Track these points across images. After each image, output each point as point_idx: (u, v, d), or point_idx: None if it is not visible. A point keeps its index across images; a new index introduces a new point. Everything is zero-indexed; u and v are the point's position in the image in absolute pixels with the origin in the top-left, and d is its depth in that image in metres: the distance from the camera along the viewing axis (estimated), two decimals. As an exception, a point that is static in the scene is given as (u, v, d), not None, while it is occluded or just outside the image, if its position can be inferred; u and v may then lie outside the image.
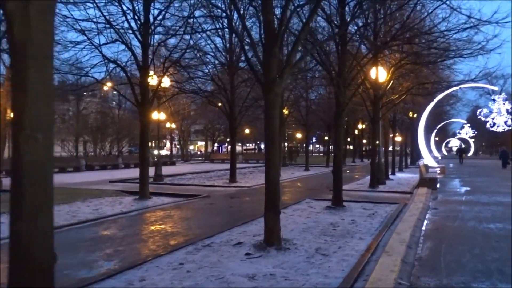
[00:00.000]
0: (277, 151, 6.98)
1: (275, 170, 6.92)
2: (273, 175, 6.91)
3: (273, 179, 6.92)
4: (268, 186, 6.95)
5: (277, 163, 6.96)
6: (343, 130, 11.15)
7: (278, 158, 7.05)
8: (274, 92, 6.80)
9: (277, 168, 6.95)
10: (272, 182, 6.92)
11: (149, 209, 11.80)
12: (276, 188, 6.95)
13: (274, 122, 6.89)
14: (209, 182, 20.20)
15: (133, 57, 13.06)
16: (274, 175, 6.92)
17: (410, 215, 10.16)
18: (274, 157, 6.93)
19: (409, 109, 26.35)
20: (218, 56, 19.18)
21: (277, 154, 6.98)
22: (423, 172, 17.93)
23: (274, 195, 6.93)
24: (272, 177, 6.92)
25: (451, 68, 16.37)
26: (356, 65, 11.83)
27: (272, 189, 6.93)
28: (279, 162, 7.04)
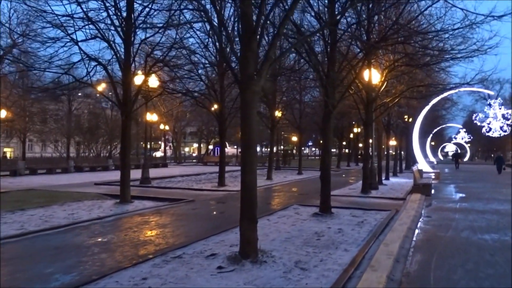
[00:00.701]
0: (255, 155, 6.43)
1: (252, 175, 6.36)
2: (250, 181, 6.36)
3: (249, 184, 6.36)
4: (244, 193, 6.40)
5: (255, 167, 6.40)
6: (332, 133, 10.59)
7: (256, 162, 6.49)
8: (251, 90, 6.25)
9: (254, 173, 6.39)
10: (249, 188, 6.36)
11: (127, 214, 11.21)
12: (253, 195, 6.39)
13: (251, 123, 6.33)
14: (198, 186, 19.61)
15: (115, 54, 12.48)
16: (251, 181, 6.36)
17: (400, 224, 9.62)
18: (252, 161, 6.37)
19: (403, 113, 25.87)
20: (207, 56, 18.63)
21: (254, 158, 6.43)
22: (417, 178, 17.42)
23: (251, 202, 6.37)
24: (249, 183, 6.36)
25: (446, 71, 15.93)
26: (346, 65, 11.30)
27: (248, 196, 6.38)
28: (256, 166, 6.48)
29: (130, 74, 12.80)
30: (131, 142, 13.60)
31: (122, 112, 12.87)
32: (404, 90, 16.32)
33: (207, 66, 18.98)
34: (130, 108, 12.80)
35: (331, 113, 10.68)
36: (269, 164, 24.73)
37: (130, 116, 12.98)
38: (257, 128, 6.42)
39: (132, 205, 12.62)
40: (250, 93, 6.27)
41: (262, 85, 6.40)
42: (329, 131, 10.89)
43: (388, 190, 17.97)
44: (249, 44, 6.24)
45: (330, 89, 10.73)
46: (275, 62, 9.47)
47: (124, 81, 12.75)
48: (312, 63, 10.70)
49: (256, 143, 6.46)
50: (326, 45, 11.19)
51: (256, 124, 6.47)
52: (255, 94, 6.32)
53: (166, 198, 14.62)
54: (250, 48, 6.23)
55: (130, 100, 12.84)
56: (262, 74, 6.29)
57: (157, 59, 13.45)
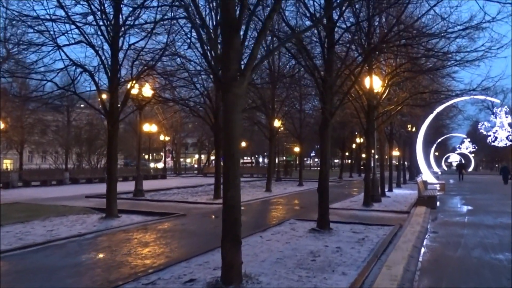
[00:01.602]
0: (238, 166, 5.66)
1: (235, 190, 5.59)
2: (232, 196, 5.59)
3: (232, 200, 5.59)
4: (226, 210, 5.63)
5: (238, 181, 5.63)
6: (330, 142, 9.84)
7: (239, 174, 5.72)
8: (234, 93, 5.52)
9: (237, 188, 5.62)
10: (231, 205, 5.59)
11: (111, 230, 10.43)
12: (236, 213, 5.61)
13: (233, 130, 5.59)
14: (193, 198, 18.82)
15: (100, 60, 11.82)
16: (234, 196, 5.59)
17: (405, 241, 8.80)
18: (234, 174, 5.61)
19: (406, 122, 25.09)
20: (201, 62, 17.94)
21: (237, 169, 5.66)
22: (422, 190, 16.58)
23: (234, 221, 5.60)
24: (231, 199, 5.59)
25: (451, 76, 15.15)
26: (344, 69, 10.58)
27: (231, 214, 5.61)
28: (239, 179, 5.72)
29: (117, 81, 12.11)
30: (117, 153, 12.83)
31: (108, 121, 12.16)
32: (407, 97, 15.57)
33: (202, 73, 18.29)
34: (116, 117, 12.09)
35: (328, 121, 9.93)
36: (268, 175, 23.92)
37: (117, 126, 12.26)
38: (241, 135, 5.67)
39: (118, 220, 11.85)
40: (232, 96, 5.54)
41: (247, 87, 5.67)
42: (327, 140, 10.13)
43: (392, 203, 17.12)
44: (231, 41, 5.52)
45: (327, 95, 10.01)
46: (262, 62, 8.73)
47: (111, 88, 12.05)
48: (308, 67, 9.99)
49: (239, 152, 5.71)
50: (323, 49, 10.48)
51: (240, 131, 5.72)
52: (238, 98, 5.58)
53: (157, 212, 13.83)
54: (232, 45, 5.51)
55: (117, 108, 12.14)
56: (246, 75, 5.56)
57: (147, 65, 12.76)
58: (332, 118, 9.99)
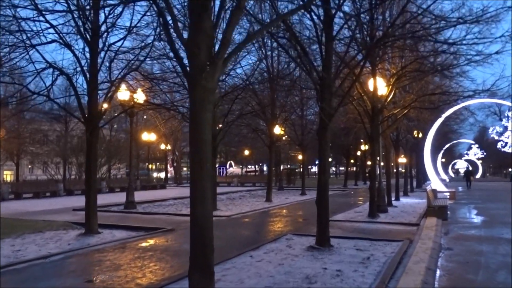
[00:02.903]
0: (208, 176, 4.54)
1: (204, 206, 4.48)
2: (202, 215, 4.47)
3: (201, 220, 4.47)
4: (194, 232, 4.51)
5: (208, 195, 4.51)
6: (329, 148, 8.71)
7: (210, 188, 4.60)
8: (203, 86, 4.43)
9: (207, 204, 4.50)
10: (200, 225, 4.47)
11: (85, 250, 9.32)
12: (206, 236, 4.49)
13: (203, 132, 4.49)
14: (187, 210, 17.40)
15: (77, 60, 10.81)
16: (203, 215, 4.48)
17: (416, 262, 7.62)
18: (203, 187, 4.49)
19: (413, 127, 23.88)
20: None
21: (208, 181, 4.54)
22: (431, 199, 15.36)
23: (203, 246, 4.47)
24: (200, 217, 4.48)
25: (462, 76, 13.98)
26: (344, 67, 9.48)
27: (199, 237, 4.49)
28: (210, 193, 4.59)
29: (96, 84, 11.08)
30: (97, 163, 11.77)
31: (86, 128, 11.11)
32: (415, 99, 14.40)
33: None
34: (95, 124, 11.04)
35: (327, 123, 8.81)
36: (268, 185, 22.77)
37: (97, 133, 11.20)
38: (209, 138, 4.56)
39: (97, 237, 10.74)
40: (201, 90, 4.45)
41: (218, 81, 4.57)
42: (326, 145, 9.01)
43: (399, 213, 15.89)
44: (200, 23, 4.44)
45: (325, 95, 8.91)
46: (239, 50, 7.67)
47: (89, 92, 11.02)
48: (304, 64, 8.90)
49: (210, 160, 4.60)
50: (320, 45, 9.40)
51: (210, 133, 4.61)
52: (208, 92, 4.49)
53: (143, 227, 12.74)
54: (200, 28, 4.44)
55: (97, 114, 11.09)
56: (217, 64, 4.47)
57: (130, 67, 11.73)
58: (331, 120, 8.87)
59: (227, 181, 45.47)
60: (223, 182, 45.12)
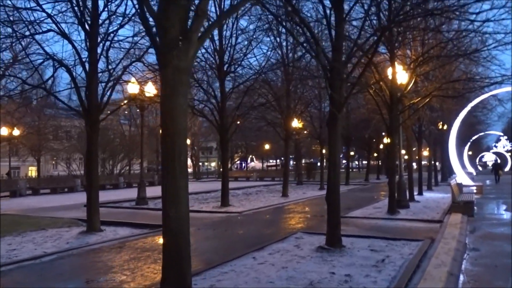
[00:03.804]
0: (183, 172, 3.88)
1: (179, 209, 3.82)
2: (176, 219, 3.82)
3: (175, 225, 3.82)
4: (168, 239, 3.86)
5: (183, 194, 3.84)
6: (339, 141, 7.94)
7: (186, 185, 3.93)
8: (175, 65, 3.77)
9: (183, 205, 3.84)
10: (173, 230, 3.82)
11: (81, 249, 8.86)
12: (181, 243, 3.83)
13: (176, 121, 3.83)
14: (199, 206, 17.17)
15: (75, 51, 10.32)
16: (178, 219, 3.82)
17: (437, 265, 6.81)
18: (177, 185, 3.83)
19: (437, 118, 22.68)
20: (205, 57, 16.33)
21: (183, 178, 3.88)
22: (456, 194, 14.36)
23: (178, 255, 3.82)
24: (174, 222, 3.83)
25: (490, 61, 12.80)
26: (356, 50, 8.66)
27: (173, 245, 3.84)
28: (187, 192, 3.93)
29: (96, 75, 10.57)
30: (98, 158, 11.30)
31: (86, 122, 10.62)
32: (437, 87, 13.38)
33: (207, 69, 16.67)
34: (95, 117, 10.54)
35: (337, 115, 8.03)
36: (285, 179, 22.03)
37: (97, 127, 10.70)
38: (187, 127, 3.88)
39: (98, 236, 10.27)
40: (172, 71, 3.79)
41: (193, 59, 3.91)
42: (336, 138, 8.23)
43: (421, 209, 14.94)
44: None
45: (335, 82, 8.13)
46: (218, 23, 6.96)
47: (89, 84, 10.52)
48: (311, 47, 8.15)
49: (185, 153, 3.93)
50: (329, 28, 8.60)
51: (185, 121, 3.94)
52: (181, 73, 3.82)
53: (149, 224, 12.20)
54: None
55: (97, 107, 10.58)
56: (191, 39, 3.79)
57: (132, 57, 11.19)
58: (341, 111, 8.10)
59: (246, 176, 44.95)
60: (242, 177, 44.62)
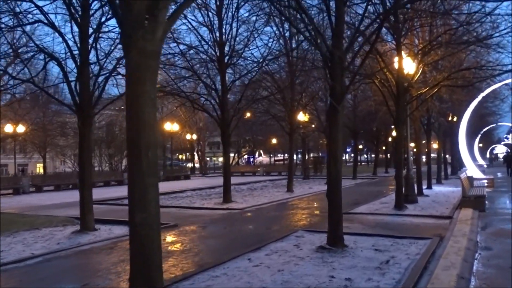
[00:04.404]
0: (152, 170, 3.41)
1: (146, 212, 3.35)
2: (143, 223, 3.35)
3: (142, 231, 3.35)
4: (135, 245, 3.40)
5: (151, 194, 3.37)
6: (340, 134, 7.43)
7: (155, 184, 3.45)
8: (140, 48, 3.29)
9: (150, 207, 3.36)
10: (140, 238, 3.35)
11: (71, 250, 8.49)
12: (150, 249, 3.37)
13: (141, 111, 3.36)
14: (201, 202, 16.76)
15: (64, 42, 9.89)
16: (145, 223, 3.35)
17: (446, 267, 6.29)
18: (144, 183, 3.36)
19: (446, 110, 21.98)
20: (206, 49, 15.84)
21: (151, 176, 3.40)
22: (466, 188, 13.77)
23: (146, 265, 3.35)
24: (141, 227, 3.35)
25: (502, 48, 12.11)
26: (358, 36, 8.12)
27: (141, 251, 3.37)
28: (157, 193, 3.45)
29: (87, 68, 10.14)
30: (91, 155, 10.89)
31: (78, 117, 10.21)
32: (446, 76, 12.74)
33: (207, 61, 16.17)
34: (87, 112, 10.12)
35: (336, 107, 7.51)
36: (289, 174, 21.52)
37: (89, 122, 10.29)
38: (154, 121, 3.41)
39: (91, 235, 9.89)
40: (137, 53, 3.31)
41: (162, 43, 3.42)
42: (337, 132, 7.72)
43: (430, 204, 14.37)
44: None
45: (336, 71, 7.61)
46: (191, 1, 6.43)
47: (80, 78, 10.09)
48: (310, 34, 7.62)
49: (154, 149, 3.45)
50: (329, 12, 8.06)
51: (154, 113, 3.46)
52: (148, 57, 3.34)
53: (146, 222, 11.81)
54: (134, -31, 3.27)
55: (88, 102, 10.16)
56: (159, 18, 3.30)
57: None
58: (341, 102, 7.57)
59: (253, 171, 44.50)
60: (249, 172, 44.15)
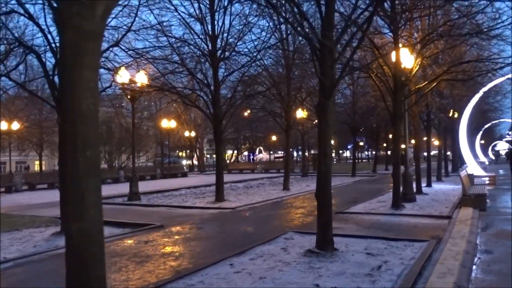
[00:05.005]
0: (93, 171, 2.91)
1: (84, 219, 2.85)
2: (80, 234, 2.86)
3: (79, 242, 2.86)
4: (71, 263, 2.90)
5: (91, 201, 2.87)
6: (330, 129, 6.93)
7: (96, 186, 2.94)
8: (77, 26, 2.82)
9: (89, 214, 2.87)
10: (78, 251, 2.86)
11: (45, 254, 8.02)
12: (87, 269, 2.87)
13: (77, 100, 2.87)
14: (193, 201, 16.28)
15: (42, 34, 9.39)
16: (83, 234, 2.86)
17: (442, 274, 5.79)
18: (81, 186, 2.86)
19: (447, 105, 21.43)
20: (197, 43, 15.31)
21: (91, 179, 2.91)
22: (467, 186, 13.25)
23: (84, 276, 2.85)
24: (78, 239, 2.86)
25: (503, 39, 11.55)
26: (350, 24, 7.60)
27: (77, 271, 2.87)
28: (97, 199, 2.94)
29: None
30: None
31: (58, 113, 9.72)
32: (445, 69, 12.19)
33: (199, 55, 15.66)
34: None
35: (325, 100, 7.00)
36: (286, 171, 21.03)
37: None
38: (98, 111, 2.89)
39: (71, 237, 9.40)
40: (73, 32, 2.82)
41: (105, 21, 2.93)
42: (326, 128, 7.20)
43: (429, 203, 13.85)
44: None
45: (326, 63, 7.10)
46: None
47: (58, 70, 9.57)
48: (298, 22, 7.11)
49: (96, 146, 2.95)
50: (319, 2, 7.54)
51: (96, 104, 2.96)
52: (85, 38, 2.83)
53: (133, 222, 11.35)
54: None
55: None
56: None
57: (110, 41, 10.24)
58: (330, 97, 7.06)
59: (251, 168, 44.01)
60: (248, 169, 43.67)
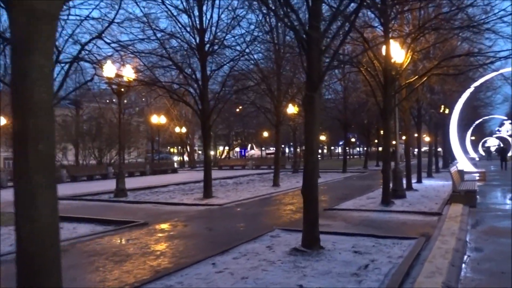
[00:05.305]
0: (46, 168, 2.65)
1: (38, 221, 2.58)
2: (31, 237, 2.58)
3: (32, 248, 2.59)
4: (22, 270, 2.63)
5: (44, 201, 2.61)
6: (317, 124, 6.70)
7: (48, 187, 2.67)
8: (26, 6, 2.52)
9: (43, 218, 2.60)
10: (29, 258, 2.60)
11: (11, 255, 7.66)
12: (42, 275, 2.60)
13: (29, 89, 2.60)
14: (179, 198, 15.97)
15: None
16: (36, 237, 2.58)
17: (431, 274, 5.59)
18: (32, 187, 2.60)
19: (438, 101, 21.32)
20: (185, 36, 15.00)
21: (44, 176, 2.64)
22: (457, 182, 13.12)
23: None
24: (29, 242, 2.59)
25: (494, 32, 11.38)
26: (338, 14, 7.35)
27: (30, 274, 2.60)
28: (52, 199, 2.67)
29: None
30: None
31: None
32: (436, 63, 12.00)
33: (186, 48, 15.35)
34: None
35: (312, 94, 6.76)
36: (275, 168, 20.82)
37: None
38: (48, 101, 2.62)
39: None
40: (22, 13, 2.53)
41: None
42: (313, 122, 6.97)
43: (419, 199, 13.73)
44: None
45: (313, 55, 6.85)
46: None
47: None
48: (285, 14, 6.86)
49: (51, 140, 2.69)
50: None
51: (47, 92, 2.69)
52: (38, 19, 2.56)
53: (116, 220, 11.03)
54: None
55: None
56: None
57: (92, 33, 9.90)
58: (316, 90, 6.83)
59: (242, 164, 43.71)
60: (238, 165, 43.36)
